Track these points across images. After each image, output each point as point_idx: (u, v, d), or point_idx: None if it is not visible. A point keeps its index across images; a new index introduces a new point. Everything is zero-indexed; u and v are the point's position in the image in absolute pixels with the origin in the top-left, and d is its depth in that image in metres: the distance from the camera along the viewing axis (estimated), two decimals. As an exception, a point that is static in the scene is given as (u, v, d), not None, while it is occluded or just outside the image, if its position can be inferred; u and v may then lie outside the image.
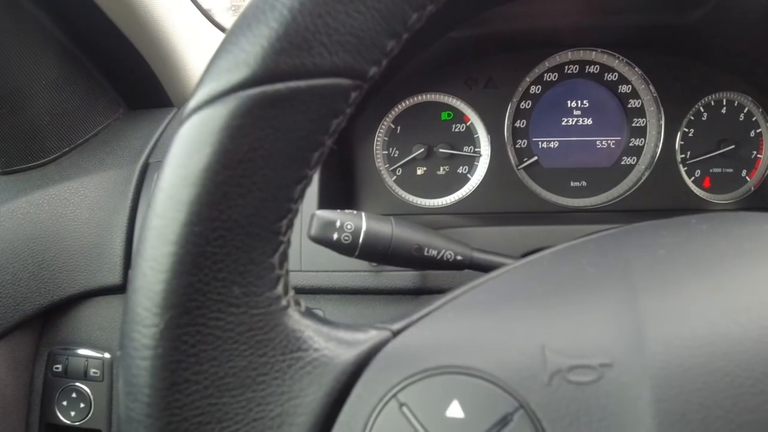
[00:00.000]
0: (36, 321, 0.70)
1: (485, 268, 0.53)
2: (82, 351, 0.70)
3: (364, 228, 0.49)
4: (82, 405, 0.69)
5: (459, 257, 0.52)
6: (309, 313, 0.26)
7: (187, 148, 0.22)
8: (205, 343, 0.23)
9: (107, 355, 0.70)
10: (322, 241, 0.49)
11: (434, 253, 0.52)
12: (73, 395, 0.69)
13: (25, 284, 0.66)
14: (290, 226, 0.24)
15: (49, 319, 0.71)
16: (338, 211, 0.50)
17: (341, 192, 0.79)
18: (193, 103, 0.22)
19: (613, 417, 0.21)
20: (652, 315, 0.24)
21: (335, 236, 0.49)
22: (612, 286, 0.26)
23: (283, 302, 0.24)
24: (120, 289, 0.69)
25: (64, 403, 0.70)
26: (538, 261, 0.30)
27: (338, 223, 0.49)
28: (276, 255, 0.24)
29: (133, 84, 0.78)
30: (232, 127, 0.21)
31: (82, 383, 0.70)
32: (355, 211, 0.51)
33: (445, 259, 0.52)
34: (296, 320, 0.25)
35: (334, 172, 0.75)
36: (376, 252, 0.50)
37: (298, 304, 0.25)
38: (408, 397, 0.24)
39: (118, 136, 0.75)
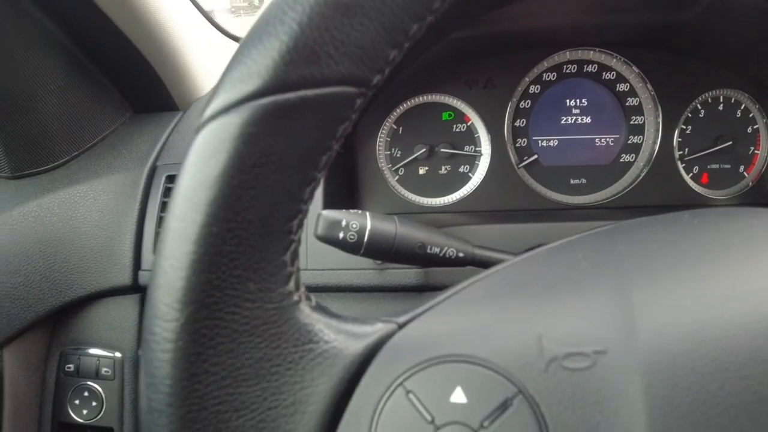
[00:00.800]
0: (47, 322, 0.72)
1: (486, 264, 0.54)
2: (93, 351, 0.71)
3: (368, 227, 0.51)
4: (94, 403, 0.71)
5: (461, 254, 0.53)
6: (319, 308, 0.27)
7: (204, 154, 0.23)
8: (222, 336, 0.24)
9: (118, 355, 0.71)
10: (328, 240, 0.50)
11: (437, 250, 0.53)
12: (85, 394, 0.71)
13: (37, 286, 0.67)
14: (300, 225, 0.25)
15: (61, 320, 0.73)
16: (343, 210, 0.51)
17: (345, 192, 0.80)
18: (208, 112, 0.23)
19: (606, 401, 0.23)
20: (643, 305, 0.25)
21: (341, 235, 0.50)
22: (606, 279, 0.27)
23: (295, 297, 0.26)
24: (130, 289, 0.70)
25: (76, 401, 0.71)
26: (535, 256, 0.31)
27: (344, 223, 0.50)
28: (288, 253, 0.25)
29: (139, 88, 0.79)
30: (245, 134, 0.23)
31: (93, 382, 0.71)
32: (359, 211, 0.52)
33: (447, 256, 0.53)
34: (307, 314, 0.26)
35: (338, 173, 0.76)
36: (380, 250, 0.52)
37: (308, 299, 0.27)
38: (414, 384, 0.25)
39: (126, 139, 0.77)
